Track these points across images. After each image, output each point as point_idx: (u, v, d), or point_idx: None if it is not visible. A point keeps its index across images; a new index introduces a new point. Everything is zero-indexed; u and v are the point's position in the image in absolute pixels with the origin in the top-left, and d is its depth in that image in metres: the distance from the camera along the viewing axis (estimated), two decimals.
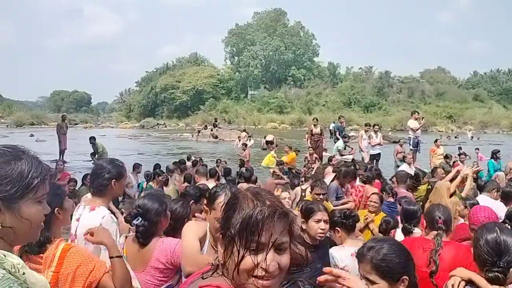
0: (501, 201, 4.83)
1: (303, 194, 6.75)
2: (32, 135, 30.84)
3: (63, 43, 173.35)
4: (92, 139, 14.97)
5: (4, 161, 1.19)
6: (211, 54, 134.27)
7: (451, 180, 5.03)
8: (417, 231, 3.59)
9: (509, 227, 3.47)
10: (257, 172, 11.83)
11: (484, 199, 4.72)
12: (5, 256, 1.15)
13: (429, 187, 6.96)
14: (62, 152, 16.36)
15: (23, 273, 1.15)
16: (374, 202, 4.85)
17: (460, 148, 15.24)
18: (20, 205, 1.19)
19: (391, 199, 5.59)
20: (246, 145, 13.35)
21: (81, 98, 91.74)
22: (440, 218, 2.87)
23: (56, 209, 2.10)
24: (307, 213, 2.97)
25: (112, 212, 2.72)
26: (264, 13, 69.17)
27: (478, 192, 5.62)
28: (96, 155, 14.94)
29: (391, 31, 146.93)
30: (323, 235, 2.93)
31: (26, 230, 1.21)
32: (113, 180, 2.63)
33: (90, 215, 2.58)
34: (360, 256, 1.99)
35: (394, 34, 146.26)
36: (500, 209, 4.31)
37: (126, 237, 2.63)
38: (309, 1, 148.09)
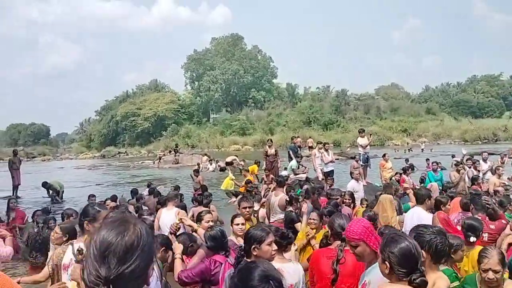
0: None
1: (256, 215, 7.03)
2: None
3: (19, 75, 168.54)
4: (44, 184, 14.83)
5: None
6: (171, 80, 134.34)
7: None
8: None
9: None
10: (217, 196, 12.04)
11: (418, 210, 5.09)
12: None
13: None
14: (15, 187, 15.87)
15: None
16: (313, 219, 5.14)
17: (407, 161, 16.03)
18: None
19: None
20: (198, 171, 13.57)
21: (39, 130, 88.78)
22: (342, 228, 3.04)
23: None
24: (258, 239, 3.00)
25: None
26: (221, 38, 70.37)
27: None
28: (59, 194, 14.85)
29: (346, 50, 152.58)
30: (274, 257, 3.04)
31: None
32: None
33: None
34: None
35: (349, 54, 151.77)
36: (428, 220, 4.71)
37: None
38: (264, 26, 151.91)
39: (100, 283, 1.16)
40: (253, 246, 2.92)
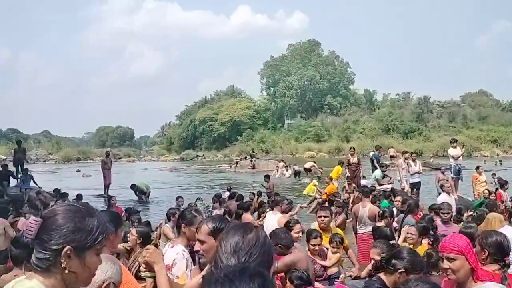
0: None
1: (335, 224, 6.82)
2: (78, 171, 32.15)
3: (107, 81, 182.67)
4: (132, 186, 15.73)
5: (81, 216, 1.45)
6: (247, 86, 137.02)
7: None
8: None
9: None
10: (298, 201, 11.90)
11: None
12: None
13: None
14: (106, 186, 17.01)
15: None
16: (411, 233, 4.84)
17: (494, 175, 14.70)
18: (86, 254, 1.43)
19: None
20: (269, 176, 13.59)
21: (124, 133, 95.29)
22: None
23: (118, 229, 2.53)
24: None
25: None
26: (298, 44, 70.43)
27: None
28: (146, 194, 15.70)
29: (428, 56, 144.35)
30: None
31: (85, 276, 1.46)
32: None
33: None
34: None
35: (432, 59, 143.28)
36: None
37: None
38: (342, 31, 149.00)
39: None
40: None
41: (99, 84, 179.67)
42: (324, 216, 5.26)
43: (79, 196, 11.98)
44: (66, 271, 1.39)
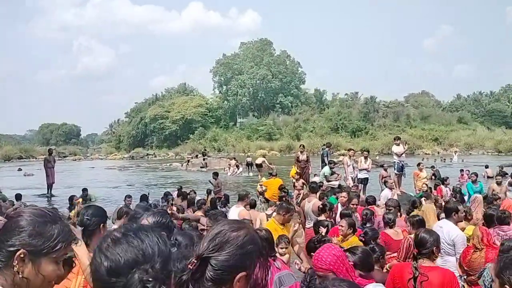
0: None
1: (268, 219, 6.92)
2: (20, 169, 30.60)
3: (53, 76, 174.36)
4: (84, 190, 14.98)
5: (43, 221, 1.39)
6: (200, 84, 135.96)
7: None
8: None
9: None
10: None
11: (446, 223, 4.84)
12: None
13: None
14: (50, 186, 16.29)
15: None
16: (341, 225, 4.99)
17: (433, 168, 15.58)
18: (42, 261, 1.37)
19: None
20: (217, 174, 13.64)
21: (70, 131, 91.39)
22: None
23: (101, 225, 2.60)
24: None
25: None
26: (250, 43, 70.77)
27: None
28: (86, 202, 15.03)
29: (376, 57, 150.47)
30: None
31: (37, 284, 1.38)
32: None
33: None
34: None
35: (379, 60, 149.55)
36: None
37: None
38: (294, 30, 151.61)
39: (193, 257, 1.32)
40: None
41: (44, 79, 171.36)
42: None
43: (18, 196, 11.40)
44: (19, 276, 1.34)
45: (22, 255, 1.34)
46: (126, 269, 1.06)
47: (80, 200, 8.37)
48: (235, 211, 6.76)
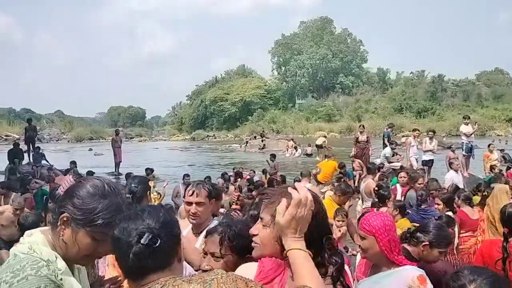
0: None
1: (323, 196, 6.78)
2: (90, 149, 32.58)
3: (120, 61, 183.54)
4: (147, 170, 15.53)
5: (93, 193, 1.42)
6: (259, 65, 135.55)
7: None
8: None
9: None
10: None
11: None
12: (56, 259, 1.38)
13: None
14: (117, 164, 17.19)
15: (61, 279, 1.36)
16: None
17: (502, 151, 14.47)
18: (79, 231, 1.40)
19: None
20: (275, 156, 13.56)
21: (136, 113, 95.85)
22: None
23: (147, 192, 2.84)
24: None
25: None
26: (310, 22, 69.18)
27: None
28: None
29: (444, 33, 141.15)
30: None
31: (74, 252, 1.42)
32: None
33: None
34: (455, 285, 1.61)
35: (447, 36, 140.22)
36: None
37: None
38: (356, 8, 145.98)
39: None
40: None
41: (111, 64, 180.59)
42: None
43: (90, 173, 12.11)
44: (61, 237, 1.41)
45: (65, 219, 1.40)
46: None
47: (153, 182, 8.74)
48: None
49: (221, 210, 4.65)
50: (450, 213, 4.90)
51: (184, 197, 2.91)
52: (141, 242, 1.21)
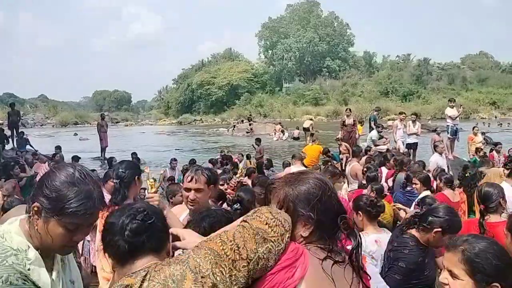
0: None
1: None
2: (76, 134, 32.23)
3: (105, 44, 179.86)
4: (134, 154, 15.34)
5: (62, 181, 1.37)
6: (246, 49, 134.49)
7: None
8: None
9: None
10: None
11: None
12: (28, 248, 1.37)
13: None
14: (103, 149, 17.00)
15: (28, 269, 1.34)
16: None
17: (483, 133, 14.67)
18: (50, 220, 1.36)
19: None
20: (260, 140, 13.56)
21: (121, 97, 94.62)
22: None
23: (136, 177, 2.82)
24: None
25: None
26: (297, 5, 68.61)
27: None
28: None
29: (429, 17, 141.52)
30: None
31: (48, 242, 1.38)
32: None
33: None
34: (450, 245, 1.70)
35: (433, 20, 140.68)
36: None
37: None
38: None
39: None
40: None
41: (96, 47, 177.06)
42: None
43: (75, 158, 11.97)
44: (35, 228, 1.38)
45: (36, 208, 1.36)
46: None
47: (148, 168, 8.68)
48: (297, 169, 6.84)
49: None
50: (428, 192, 4.99)
51: (182, 183, 2.89)
52: (136, 218, 1.30)
